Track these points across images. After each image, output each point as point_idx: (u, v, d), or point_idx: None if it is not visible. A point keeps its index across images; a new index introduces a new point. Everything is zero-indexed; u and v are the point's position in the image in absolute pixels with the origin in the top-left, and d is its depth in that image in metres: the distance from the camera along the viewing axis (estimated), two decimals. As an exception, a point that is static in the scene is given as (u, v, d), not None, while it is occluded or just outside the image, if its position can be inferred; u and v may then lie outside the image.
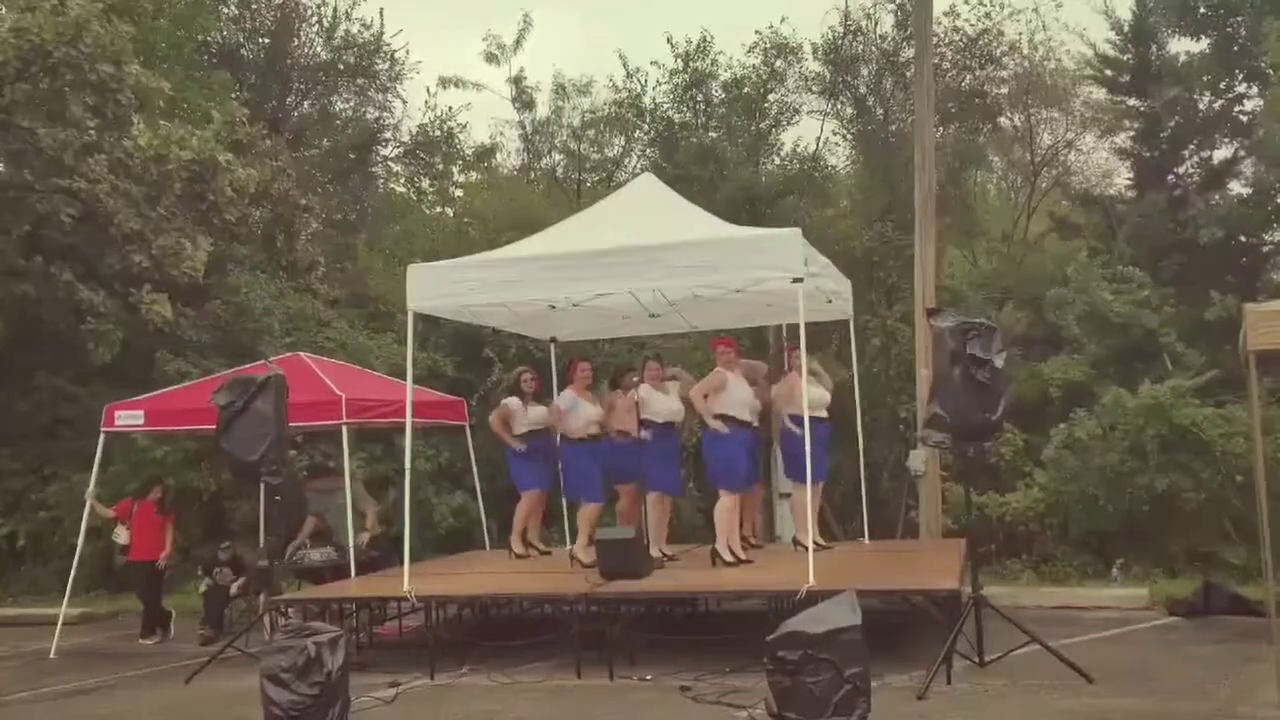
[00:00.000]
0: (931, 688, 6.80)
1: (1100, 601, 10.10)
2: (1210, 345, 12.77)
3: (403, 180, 22.25)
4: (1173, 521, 11.15)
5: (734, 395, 8.78)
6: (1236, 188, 15.58)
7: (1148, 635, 8.81)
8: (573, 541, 9.74)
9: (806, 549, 8.11)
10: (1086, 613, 9.73)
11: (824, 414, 9.09)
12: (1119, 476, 11.15)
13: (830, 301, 9.78)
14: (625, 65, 18.21)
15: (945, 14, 16.35)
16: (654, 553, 8.88)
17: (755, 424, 9.00)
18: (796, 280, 7.81)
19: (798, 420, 8.52)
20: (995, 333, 7.28)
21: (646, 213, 9.08)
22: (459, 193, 21.83)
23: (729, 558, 8.75)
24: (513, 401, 9.77)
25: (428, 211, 21.58)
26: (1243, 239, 14.93)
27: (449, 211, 21.33)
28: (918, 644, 7.80)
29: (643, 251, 8.12)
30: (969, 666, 7.29)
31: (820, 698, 5.90)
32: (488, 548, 11.53)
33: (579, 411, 9.35)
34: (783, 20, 18.45)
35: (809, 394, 8.34)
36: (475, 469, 11.60)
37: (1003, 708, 6.53)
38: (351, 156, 20.66)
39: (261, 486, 9.00)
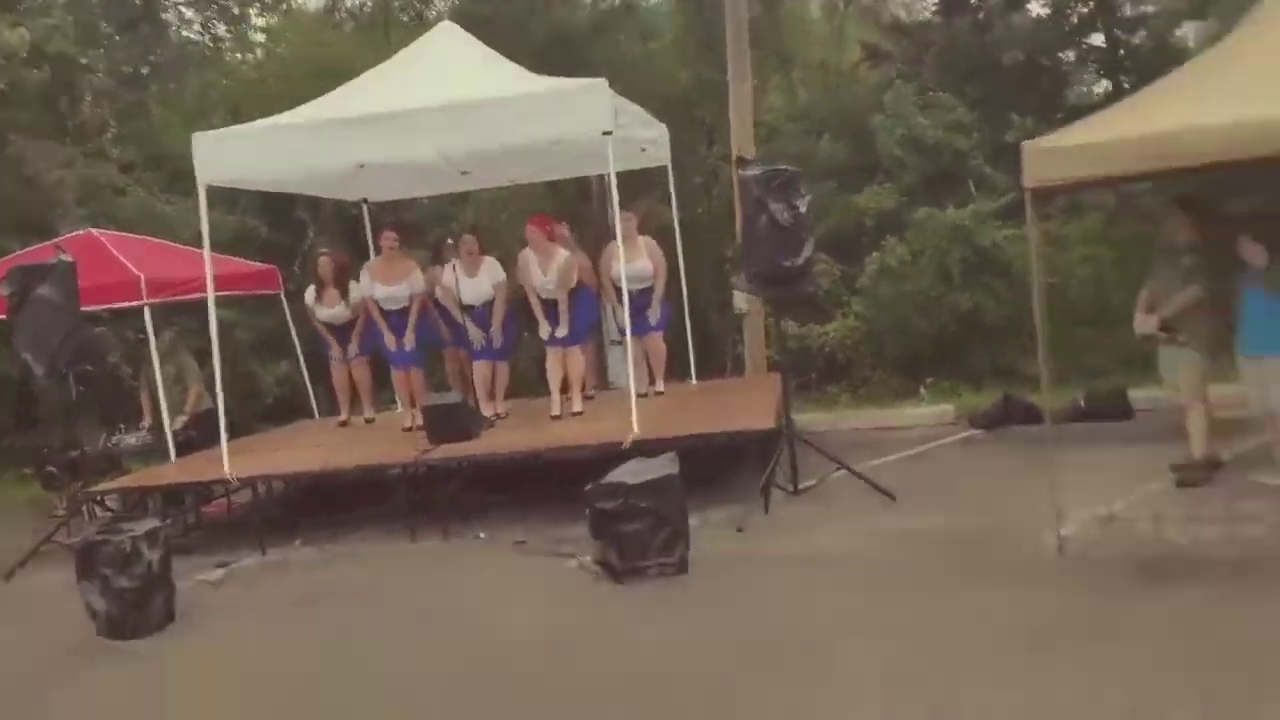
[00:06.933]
0: (750, 519, 7.19)
1: (910, 420, 10.74)
2: (1012, 168, 13.19)
3: (196, 26, 20.71)
4: (976, 339, 11.84)
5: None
6: (1036, 9, 15.96)
7: (949, 451, 9.44)
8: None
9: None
10: (897, 432, 10.33)
11: (644, 284, 9.27)
12: (928, 300, 11.72)
13: (644, 150, 9.74)
14: None
15: None
16: (486, 413, 8.99)
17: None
18: (606, 133, 7.73)
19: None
20: (799, 179, 7.42)
21: (449, 65, 8.74)
22: (260, 37, 20.49)
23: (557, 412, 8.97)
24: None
25: (228, 60, 20.19)
26: (1044, 61, 15.40)
27: (250, 57, 20.01)
28: (739, 478, 8.19)
29: (445, 112, 7.83)
30: (786, 496, 7.72)
31: (641, 543, 6.21)
32: (316, 415, 11.35)
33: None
34: None
35: (630, 267, 8.69)
36: (296, 337, 11.27)
37: (813, 532, 6.94)
38: (137, 3, 19.00)
39: (69, 375, 8.53)
